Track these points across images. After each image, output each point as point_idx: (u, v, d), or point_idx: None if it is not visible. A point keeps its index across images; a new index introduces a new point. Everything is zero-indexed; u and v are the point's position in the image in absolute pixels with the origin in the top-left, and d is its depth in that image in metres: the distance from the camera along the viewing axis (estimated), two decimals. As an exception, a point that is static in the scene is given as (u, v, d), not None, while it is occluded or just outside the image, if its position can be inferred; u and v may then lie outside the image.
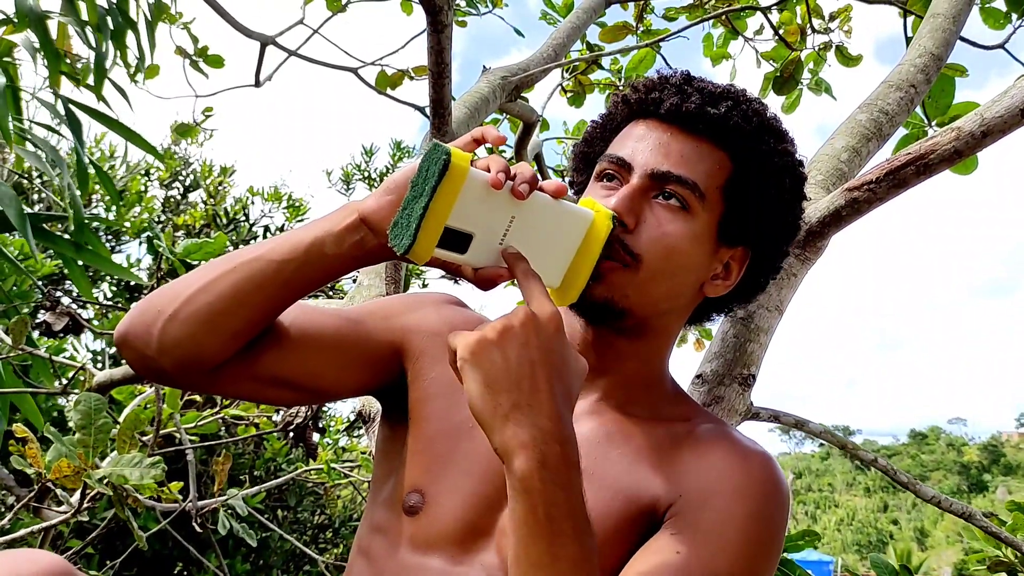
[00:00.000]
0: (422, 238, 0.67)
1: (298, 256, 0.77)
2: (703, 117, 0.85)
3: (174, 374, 0.80)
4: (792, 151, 0.90)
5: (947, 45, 1.60)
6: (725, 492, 0.78)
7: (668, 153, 0.84)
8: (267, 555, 4.22)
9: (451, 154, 0.66)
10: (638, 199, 0.83)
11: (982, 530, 1.28)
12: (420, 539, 0.82)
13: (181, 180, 5.69)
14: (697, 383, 1.20)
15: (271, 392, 0.86)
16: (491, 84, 1.95)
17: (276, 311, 0.81)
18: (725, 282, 0.89)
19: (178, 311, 0.77)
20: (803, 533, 1.79)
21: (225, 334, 0.78)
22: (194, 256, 2.00)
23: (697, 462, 0.81)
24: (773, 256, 0.92)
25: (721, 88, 0.89)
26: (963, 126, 1.06)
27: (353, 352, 0.88)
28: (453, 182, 0.67)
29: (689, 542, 0.74)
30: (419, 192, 0.67)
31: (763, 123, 0.88)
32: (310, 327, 0.86)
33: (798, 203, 0.91)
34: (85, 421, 1.24)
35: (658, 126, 0.87)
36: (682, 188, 0.83)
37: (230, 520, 1.83)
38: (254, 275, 0.77)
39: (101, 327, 3.61)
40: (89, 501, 1.30)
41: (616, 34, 2.91)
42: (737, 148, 0.86)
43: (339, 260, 0.78)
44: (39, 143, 1.87)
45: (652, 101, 0.88)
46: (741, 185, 0.86)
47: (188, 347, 0.77)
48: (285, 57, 2.69)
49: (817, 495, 56.31)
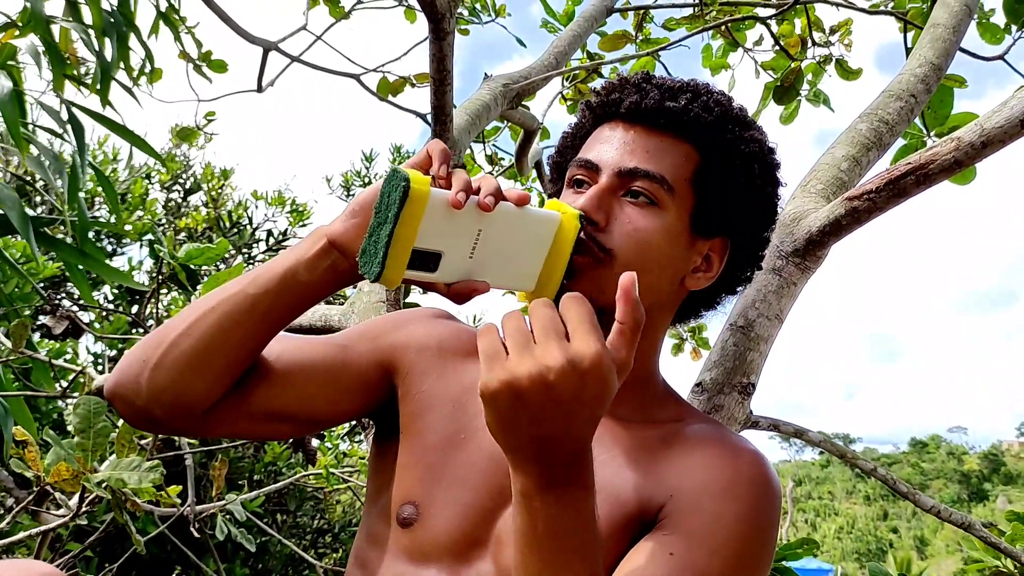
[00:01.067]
0: (391, 264, 0.68)
1: (274, 287, 0.78)
2: (663, 112, 0.86)
3: (167, 421, 0.80)
4: (760, 138, 0.90)
5: (947, 55, 1.60)
6: (716, 492, 0.77)
7: (633, 150, 0.85)
8: (266, 560, 4.22)
9: (410, 179, 0.67)
10: (607, 197, 0.83)
11: (981, 540, 1.27)
12: (416, 550, 0.82)
13: (181, 183, 5.70)
14: (697, 391, 1.20)
15: (267, 428, 0.86)
16: (492, 91, 1.95)
17: (260, 345, 0.81)
18: (707, 274, 0.89)
19: (163, 358, 0.78)
20: (802, 541, 1.79)
21: (211, 374, 0.78)
22: (196, 261, 2.00)
23: (687, 461, 0.81)
24: (753, 244, 0.92)
25: (680, 82, 0.90)
26: (963, 136, 1.06)
27: (344, 378, 0.88)
28: (415, 206, 0.67)
29: (681, 543, 0.74)
30: (383, 219, 0.68)
31: (725, 112, 0.88)
32: (298, 358, 0.86)
33: (772, 188, 0.91)
34: (84, 425, 1.24)
35: (621, 126, 0.88)
36: (650, 183, 0.83)
37: (228, 525, 1.83)
38: (232, 311, 0.78)
39: (102, 330, 3.61)
40: (88, 505, 1.30)
41: (615, 43, 2.92)
42: (701, 139, 0.86)
43: (312, 287, 0.78)
44: (41, 149, 1.87)
45: (613, 102, 0.89)
46: (709, 175, 0.86)
47: (176, 392, 0.78)
48: (288, 63, 2.70)
49: (817, 503, 56.17)
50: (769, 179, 0.90)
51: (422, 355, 0.91)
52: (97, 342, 4.15)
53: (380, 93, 2.79)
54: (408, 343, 0.92)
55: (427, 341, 0.92)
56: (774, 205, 0.92)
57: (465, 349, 0.92)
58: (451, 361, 0.91)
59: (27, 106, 2.05)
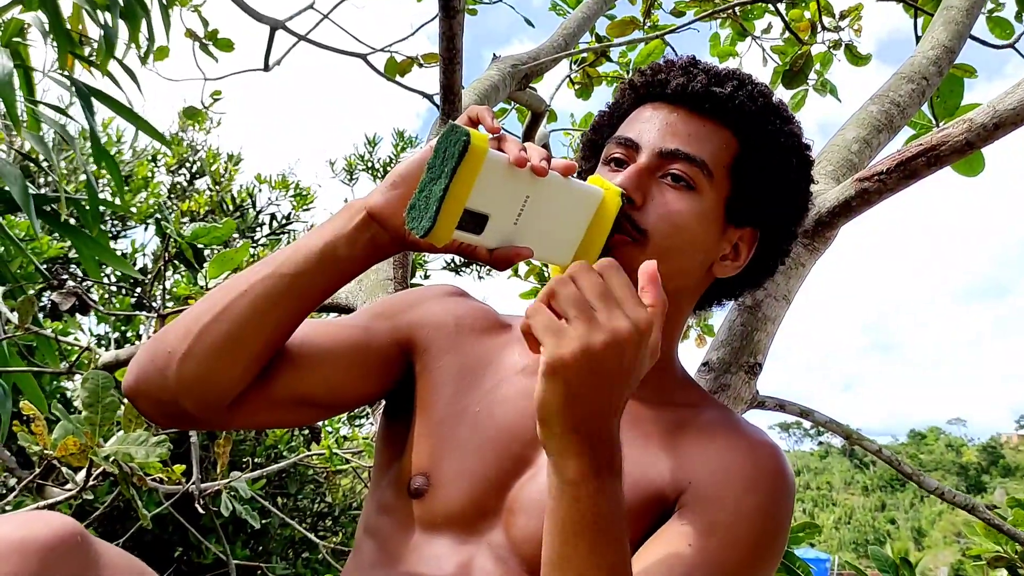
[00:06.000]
0: (442, 220, 0.66)
1: (311, 265, 0.76)
2: (709, 97, 0.85)
3: (197, 414, 0.78)
4: (798, 132, 0.90)
5: (959, 38, 1.60)
6: (735, 485, 0.78)
7: (675, 132, 0.85)
8: (266, 541, 4.24)
9: (471, 135, 0.66)
10: (645, 177, 0.83)
11: (984, 522, 1.28)
12: (426, 520, 0.82)
13: (188, 167, 5.69)
14: (704, 371, 1.20)
15: (291, 415, 0.86)
16: (501, 72, 1.94)
17: (294, 326, 0.80)
18: (735, 263, 0.89)
19: (193, 346, 0.75)
20: (804, 525, 1.79)
21: (245, 360, 0.77)
22: (202, 240, 2.00)
23: (706, 450, 0.81)
24: (782, 237, 0.92)
25: (726, 70, 0.89)
26: (975, 118, 1.06)
27: (367, 361, 0.88)
28: (473, 163, 0.66)
29: (700, 535, 0.74)
30: (437, 174, 0.66)
31: (768, 104, 0.88)
32: (323, 342, 0.85)
33: (805, 184, 0.91)
34: (92, 399, 1.24)
35: (665, 107, 0.87)
36: (690, 166, 0.83)
37: (233, 502, 1.84)
38: (269, 293, 0.76)
39: (108, 309, 3.61)
40: (94, 480, 1.31)
41: (623, 29, 2.90)
42: (743, 127, 0.86)
43: (352, 262, 0.77)
44: (51, 123, 1.87)
45: (658, 83, 0.88)
46: (747, 164, 0.86)
47: (209, 382, 0.76)
48: (295, 42, 2.69)
49: (815, 493, 56.35)
50: (804, 174, 0.91)
51: (439, 332, 0.91)
52: (100, 323, 4.16)
53: (388, 73, 2.78)
54: (425, 321, 0.92)
55: (444, 318, 0.92)
56: (807, 200, 0.92)
57: (481, 326, 0.93)
58: (467, 337, 0.91)
59: (34, 84, 2.05)
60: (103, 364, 1.83)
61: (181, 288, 2.79)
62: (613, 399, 0.64)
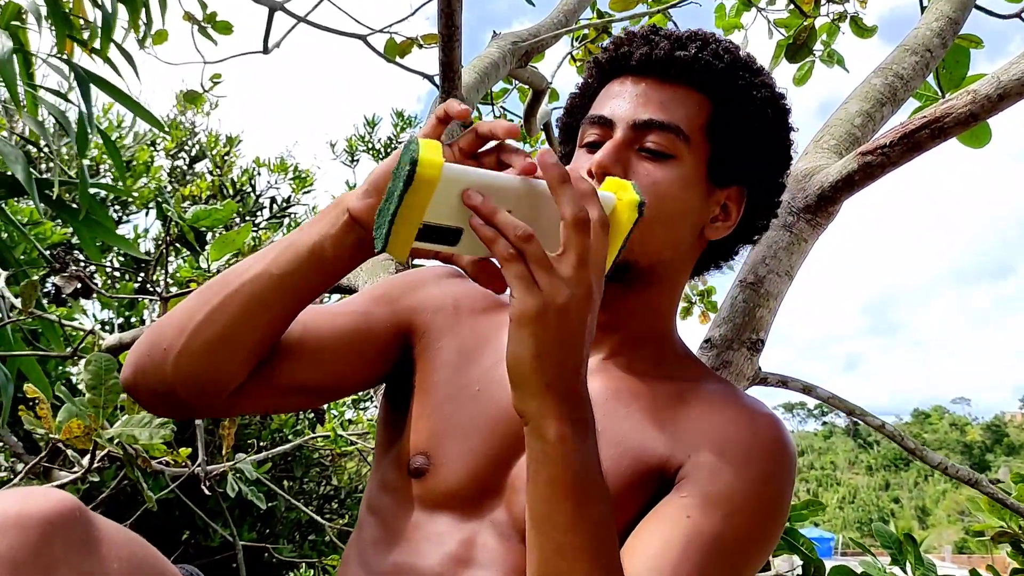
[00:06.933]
0: (394, 239, 0.65)
1: (301, 265, 0.76)
2: (673, 61, 0.85)
3: (196, 405, 0.80)
4: (770, 83, 0.90)
5: (964, 8, 1.58)
6: (734, 456, 0.78)
7: (646, 102, 0.84)
8: (273, 524, 4.26)
9: (418, 160, 0.63)
10: (623, 150, 0.83)
11: (988, 496, 1.28)
12: (428, 499, 0.82)
13: (187, 151, 5.67)
14: (706, 347, 1.20)
15: (291, 401, 0.86)
16: (501, 49, 1.93)
17: (288, 322, 0.80)
18: (726, 223, 0.89)
19: (188, 344, 0.76)
20: (807, 503, 1.80)
21: (241, 355, 0.77)
22: (203, 223, 1.99)
23: (706, 423, 0.81)
24: (769, 191, 0.92)
25: (688, 32, 0.89)
26: (979, 89, 1.05)
27: (367, 346, 0.88)
28: (420, 192, 0.63)
29: (698, 507, 0.75)
30: (391, 192, 0.65)
31: (735, 59, 0.88)
32: (322, 330, 0.85)
33: (785, 133, 0.91)
34: (95, 381, 1.24)
35: (632, 79, 0.87)
36: (665, 134, 0.83)
37: (239, 483, 1.85)
38: (259, 292, 0.76)
39: (111, 294, 3.61)
40: (99, 462, 1.31)
41: (626, 3, 2.88)
42: (712, 87, 0.86)
43: (341, 261, 0.77)
44: (50, 108, 1.87)
45: (622, 56, 0.88)
46: (723, 123, 0.86)
47: (206, 377, 0.77)
48: (294, 23, 2.67)
49: (819, 473, 56.57)
50: (782, 124, 0.90)
51: (438, 315, 0.91)
52: (104, 309, 4.16)
53: (388, 54, 2.76)
54: (424, 304, 0.92)
55: (443, 301, 0.92)
56: (788, 150, 0.92)
57: (479, 305, 0.93)
58: (466, 318, 0.91)
59: (34, 68, 2.04)
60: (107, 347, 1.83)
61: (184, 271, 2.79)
62: (580, 355, 0.65)
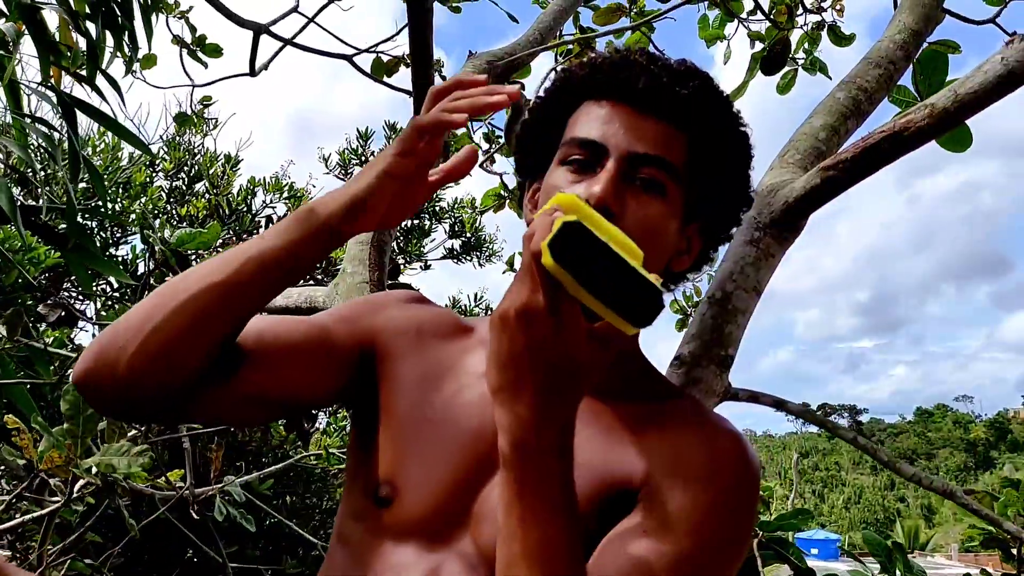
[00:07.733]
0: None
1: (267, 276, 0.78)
2: (672, 99, 0.85)
3: (148, 407, 0.79)
4: (744, 127, 0.91)
5: (927, 20, 1.59)
6: (691, 476, 0.78)
7: (643, 136, 0.84)
8: (277, 541, 4.25)
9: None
10: (620, 185, 0.82)
11: (963, 507, 1.28)
12: (394, 528, 0.82)
13: (186, 171, 5.68)
14: (675, 365, 1.20)
15: (248, 412, 0.86)
16: (477, 69, 1.94)
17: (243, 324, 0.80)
18: (690, 256, 0.92)
19: (144, 343, 0.75)
20: (797, 511, 1.80)
21: (197, 355, 0.77)
22: (188, 245, 2.00)
23: (666, 442, 0.81)
24: (728, 227, 0.95)
25: (685, 67, 0.88)
26: (937, 102, 1.06)
27: (324, 361, 0.87)
28: None
29: (656, 528, 0.75)
30: None
31: (721, 102, 0.89)
32: (279, 341, 0.85)
33: (748, 173, 0.93)
34: (72, 411, 1.25)
35: (621, 107, 0.86)
36: (660, 171, 0.83)
37: (226, 506, 1.85)
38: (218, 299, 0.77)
39: (105, 318, 3.62)
40: (80, 490, 1.32)
41: (609, 16, 2.89)
42: (697, 128, 0.86)
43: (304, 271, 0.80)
44: (39, 135, 1.87)
45: (622, 81, 0.86)
46: (702, 165, 0.87)
47: (160, 377, 0.76)
48: (280, 46, 2.68)
49: (824, 474, 56.34)
50: (748, 165, 0.93)
51: (400, 339, 0.90)
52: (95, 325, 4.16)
53: (375, 74, 2.77)
54: (386, 326, 0.91)
55: (405, 325, 0.92)
56: (750, 188, 0.94)
57: (442, 331, 0.92)
58: (429, 343, 0.91)
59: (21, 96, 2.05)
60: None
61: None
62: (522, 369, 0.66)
